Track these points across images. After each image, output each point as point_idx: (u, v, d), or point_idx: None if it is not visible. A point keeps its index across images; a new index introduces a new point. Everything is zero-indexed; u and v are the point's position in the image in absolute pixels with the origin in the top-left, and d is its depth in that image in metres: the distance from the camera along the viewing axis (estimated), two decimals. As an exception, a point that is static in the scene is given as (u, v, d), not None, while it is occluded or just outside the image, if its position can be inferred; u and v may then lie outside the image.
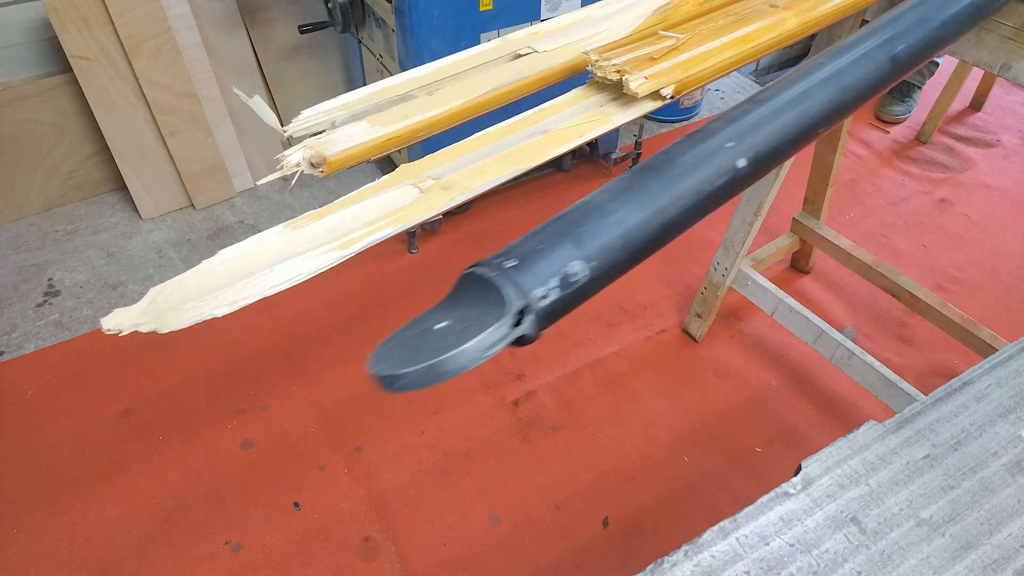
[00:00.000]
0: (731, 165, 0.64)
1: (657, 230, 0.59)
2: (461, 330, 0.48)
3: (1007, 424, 0.55)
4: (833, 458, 0.53)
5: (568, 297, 0.53)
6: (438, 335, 0.49)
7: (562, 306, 0.53)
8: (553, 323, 0.54)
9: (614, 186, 0.60)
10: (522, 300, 0.50)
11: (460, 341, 0.47)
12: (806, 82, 0.71)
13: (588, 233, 0.55)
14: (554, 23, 0.87)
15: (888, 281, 1.62)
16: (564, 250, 0.54)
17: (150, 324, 0.52)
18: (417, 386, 0.47)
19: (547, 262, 0.52)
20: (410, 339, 0.49)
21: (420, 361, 0.46)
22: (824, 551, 0.48)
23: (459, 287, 0.53)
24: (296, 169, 0.66)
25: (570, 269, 0.53)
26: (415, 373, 0.46)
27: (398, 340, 0.50)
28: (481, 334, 0.47)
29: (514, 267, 0.51)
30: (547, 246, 0.53)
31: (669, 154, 0.63)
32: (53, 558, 1.34)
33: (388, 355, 0.49)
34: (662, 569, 0.47)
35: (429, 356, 0.46)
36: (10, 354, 1.71)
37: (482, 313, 0.49)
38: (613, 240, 0.56)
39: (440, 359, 0.46)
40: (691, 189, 0.62)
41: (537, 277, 0.51)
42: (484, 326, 0.48)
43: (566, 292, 0.53)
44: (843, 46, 0.75)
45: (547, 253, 0.53)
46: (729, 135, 0.65)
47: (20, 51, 1.90)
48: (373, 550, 1.36)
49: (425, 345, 0.48)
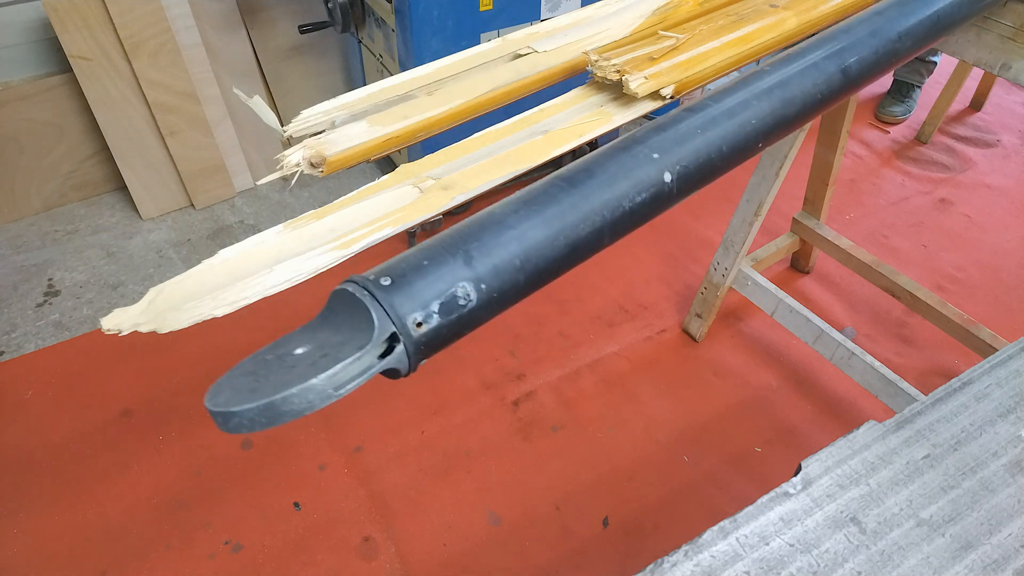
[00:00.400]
0: (655, 179, 0.56)
1: (562, 250, 0.51)
2: (315, 360, 0.40)
3: (1007, 424, 0.55)
4: (833, 458, 0.53)
5: (452, 325, 0.45)
6: (291, 363, 0.41)
7: (445, 335, 0.45)
8: (433, 354, 0.45)
9: (522, 196, 0.52)
10: (392, 326, 0.42)
11: (309, 374, 0.39)
12: (747, 91, 0.64)
13: (481, 249, 0.47)
14: (554, 23, 0.87)
15: (888, 281, 1.62)
16: (451, 268, 0.45)
17: (150, 324, 0.52)
18: (255, 427, 0.39)
19: (429, 281, 0.44)
20: (261, 365, 0.42)
21: (258, 397, 0.39)
22: (824, 551, 0.48)
23: (332, 304, 0.45)
24: (296, 169, 0.66)
25: (457, 291, 0.45)
26: (250, 412, 0.39)
27: (250, 366, 0.42)
28: (335, 367, 0.39)
29: (389, 286, 0.43)
30: (431, 262, 0.45)
31: (587, 163, 0.56)
32: (53, 558, 1.34)
33: (231, 384, 0.41)
34: (662, 569, 0.47)
35: (270, 391, 0.39)
36: (10, 354, 1.71)
37: (346, 339, 0.41)
38: (510, 259, 0.48)
39: (281, 396, 0.38)
40: (606, 205, 0.53)
41: (415, 299, 0.43)
42: (341, 356, 0.40)
43: (449, 319, 0.45)
44: (791, 55, 0.69)
45: (430, 271, 0.45)
46: (655, 145, 0.57)
47: (20, 51, 1.90)
48: (373, 550, 1.36)
49: (272, 376, 0.40)
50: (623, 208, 0.54)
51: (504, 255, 0.47)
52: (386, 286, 0.43)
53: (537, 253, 0.49)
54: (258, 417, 0.39)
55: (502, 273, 0.47)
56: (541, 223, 0.50)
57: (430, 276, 0.45)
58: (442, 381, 1.66)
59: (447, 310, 0.44)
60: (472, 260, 0.46)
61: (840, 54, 0.70)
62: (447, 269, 0.45)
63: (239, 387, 0.41)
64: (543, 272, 0.50)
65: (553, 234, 0.50)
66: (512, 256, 0.48)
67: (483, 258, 0.46)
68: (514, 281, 0.48)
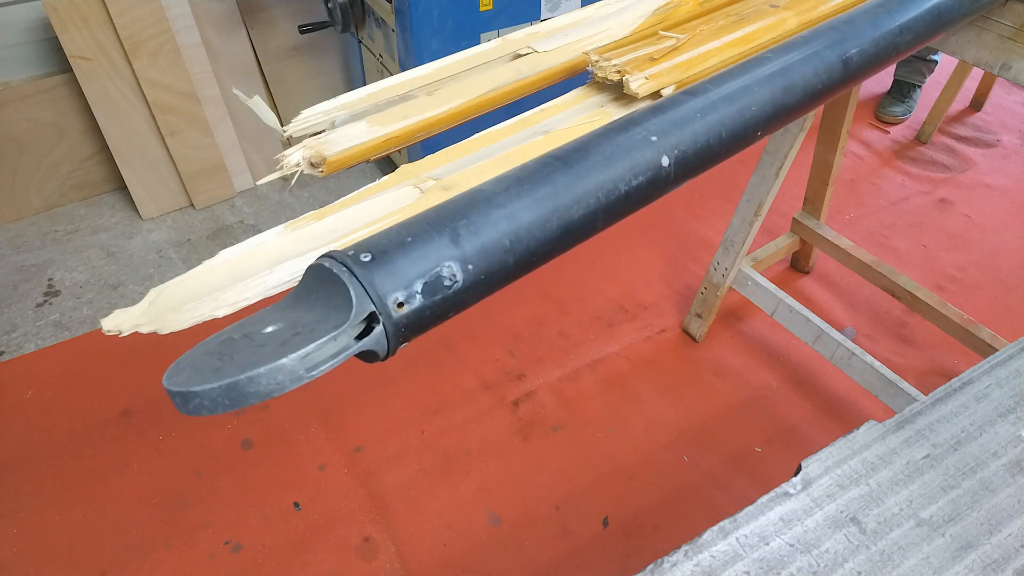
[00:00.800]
0: (653, 162, 0.53)
1: (555, 232, 0.48)
2: (286, 339, 0.37)
3: (1007, 424, 0.55)
4: (833, 458, 0.53)
5: (436, 306, 0.42)
6: (259, 342, 0.38)
7: (428, 317, 0.42)
8: (414, 337, 0.42)
9: (513, 173, 0.49)
10: (371, 305, 0.39)
11: (279, 353, 0.36)
12: (748, 77, 0.63)
13: (470, 228, 0.44)
14: (554, 23, 0.87)
15: (888, 281, 1.62)
16: (436, 246, 0.42)
17: (151, 325, 0.52)
18: (216, 408, 0.36)
19: (412, 259, 0.41)
20: (227, 345, 0.39)
21: (221, 377, 0.35)
22: (824, 551, 0.48)
23: (307, 281, 0.42)
24: (296, 169, 0.66)
25: (442, 271, 0.42)
26: (212, 392, 0.36)
27: (214, 345, 0.39)
28: (307, 346, 0.36)
29: (369, 262, 0.40)
30: (415, 239, 0.42)
31: (582, 143, 0.53)
32: (53, 558, 1.34)
33: (193, 364, 0.38)
34: (662, 569, 0.47)
35: (235, 371, 0.35)
36: (10, 354, 1.71)
37: (321, 318, 0.39)
38: (499, 239, 0.45)
39: (246, 376, 0.35)
40: (601, 187, 0.51)
41: (397, 278, 0.40)
42: (315, 336, 0.37)
43: (433, 299, 0.42)
44: (792, 42, 0.69)
45: (413, 248, 0.42)
46: (653, 128, 0.55)
47: (20, 51, 1.90)
48: (373, 550, 1.36)
49: (238, 355, 0.37)
50: (619, 191, 0.52)
51: (493, 235, 0.45)
52: (366, 262, 0.40)
53: (528, 234, 0.46)
54: (220, 398, 0.36)
55: (491, 254, 0.44)
56: (533, 203, 0.47)
57: (413, 254, 0.41)
58: (442, 381, 1.66)
59: (431, 290, 0.42)
60: (459, 238, 0.43)
61: (842, 44, 0.69)
62: (432, 247, 0.42)
63: (201, 366, 0.38)
64: (533, 254, 0.47)
65: (545, 215, 0.47)
66: (501, 236, 0.45)
67: (471, 237, 0.43)
68: (503, 263, 0.45)
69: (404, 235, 0.42)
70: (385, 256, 0.41)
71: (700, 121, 0.57)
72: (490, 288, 0.46)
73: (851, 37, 0.70)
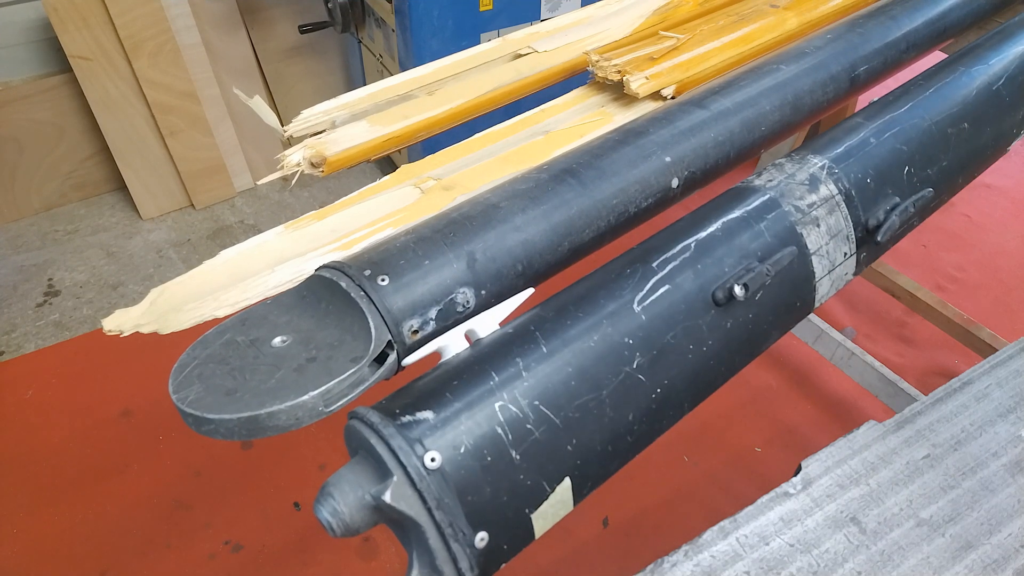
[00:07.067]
0: (664, 185, 0.54)
1: (564, 255, 0.48)
2: (301, 364, 0.36)
3: (1007, 424, 0.55)
4: (833, 458, 0.53)
5: (445, 330, 0.42)
6: (271, 360, 0.37)
7: (435, 338, 0.42)
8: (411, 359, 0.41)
9: (529, 191, 0.48)
10: (388, 334, 0.38)
11: (297, 385, 0.35)
12: (757, 90, 0.63)
13: (487, 253, 0.43)
14: (554, 23, 0.87)
15: (888, 281, 1.62)
16: (453, 271, 0.41)
17: (152, 325, 0.52)
18: (231, 436, 0.35)
19: (429, 284, 0.40)
20: (233, 350, 0.38)
21: (239, 407, 0.35)
22: (824, 551, 0.48)
23: (313, 287, 0.42)
24: (296, 169, 0.66)
25: (457, 297, 0.41)
26: (230, 423, 0.35)
27: (219, 348, 0.38)
28: (328, 383, 0.35)
29: (386, 286, 0.39)
30: (432, 262, 0.41)
31: (599, 160, 0.52)
32: (53, 558, 1.33)
33: (200, 373, 0.37)
34: (662, 569, 0.47)
35: (252, 402, 0.34)
36: (10, 354, 1.71)
37: (335, 340, 0.37)
38: (513, 264, 0.44)
39: (267, 411, 0.34)
40: (613, 210, 0.51)
41: (413, 303, 0.39)
42: (333, 368, 0.36)
43: (444, 324, 0.41)
44: (803, 52, 0.69)
45: (431, 272, 0.41)
46: (669, 147, 0.55)
47: (20, 51, 1.90)
48: (373, 550, 1.36)
49: (251, 376, 0.36)
50: (628, 213, 0.52)
51: (508, 260, 0.44)
52: (383, 286, 0.39)
53: (540, 258, 0.46)
54: (238, 429, 0.35)
55: (504, 279, 0.44)
56: (548, 228, 0.47)
57: (431, 279, 0.41)
58: (442, 381, 1.66)
59: (444, 316, 0.41)
60: (475, 263, 0.42)
61: (852, 61, 0.70)
62: (449, 272, 0.41)
63: (210, 379, 0.36)
64: (541, 276, 0.48)
65: (558, 239, 0.47)
66: (516, 261, 0.45)
67: (488, 263, 0.43)
68: (513, 286, 0.45)
69: (421, 257, 0.41)
70: (401, 280, 0.40)
71: (712, 143, 0.58)
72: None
73: (861, 57, 0.71)
